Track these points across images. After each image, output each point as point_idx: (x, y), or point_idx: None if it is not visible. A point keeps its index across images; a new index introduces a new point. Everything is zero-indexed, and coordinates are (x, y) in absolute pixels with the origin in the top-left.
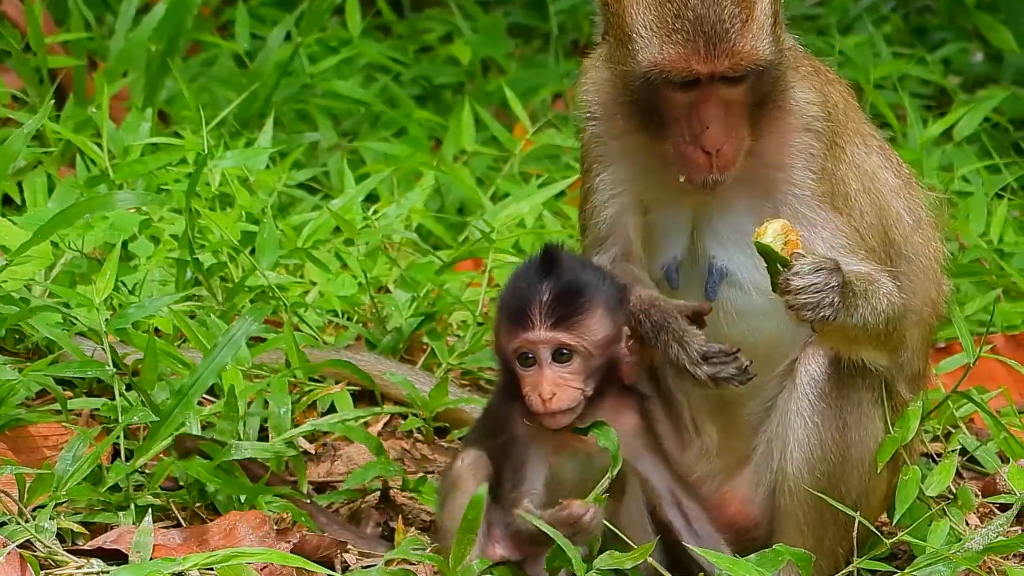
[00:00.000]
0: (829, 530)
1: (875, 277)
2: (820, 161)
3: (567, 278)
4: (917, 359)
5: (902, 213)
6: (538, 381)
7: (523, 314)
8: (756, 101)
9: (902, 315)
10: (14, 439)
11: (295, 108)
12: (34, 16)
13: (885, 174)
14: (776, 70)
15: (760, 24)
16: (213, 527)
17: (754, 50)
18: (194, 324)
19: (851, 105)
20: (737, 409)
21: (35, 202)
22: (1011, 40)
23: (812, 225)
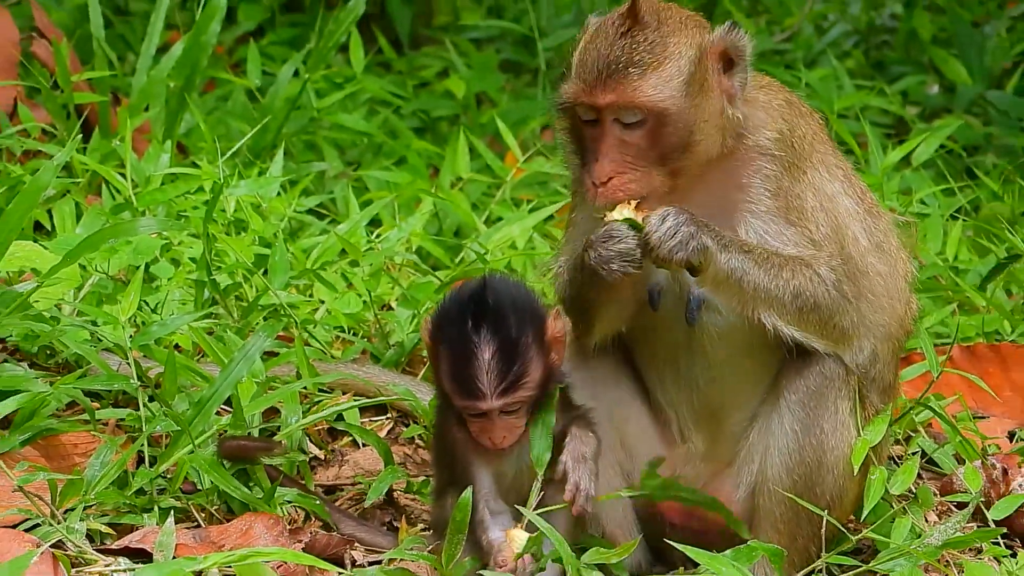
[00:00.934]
0: (803, 528)
1: (804, 259)
2: (776, 181)
3: (504, 336)
4: (888, 371)
5: (858, 235)
6: (488, 428)
7: (470, 386)
8: (664, 149)
9: (835, 309)
10: (46, 447)
11: (303, 139)
12: (62, 56)
13: (844, 199)
14: (681, 123)
15: (664, 78)
16: (230, 527)
17: (638, 97)
18: (212, 340)
19: (819, 137)
20: (723, 420)
21: (64, 228)
22: (964, 73)
23: (767, 234)
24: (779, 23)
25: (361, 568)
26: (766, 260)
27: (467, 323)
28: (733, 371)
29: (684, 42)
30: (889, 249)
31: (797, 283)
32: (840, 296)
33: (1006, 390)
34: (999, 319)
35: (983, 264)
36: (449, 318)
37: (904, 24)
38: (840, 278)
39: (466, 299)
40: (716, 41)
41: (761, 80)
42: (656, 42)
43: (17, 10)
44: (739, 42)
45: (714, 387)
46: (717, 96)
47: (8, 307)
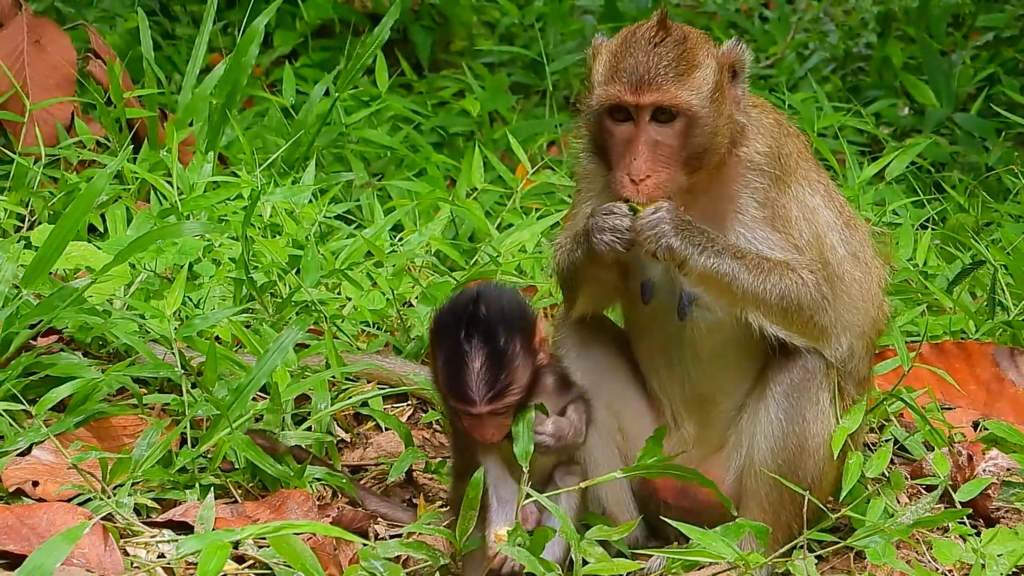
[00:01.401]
0: (787, 508)
1: (789, 263)
2: (764, 192)
3: (493, 345)
4: (863, 366)
5: (836, 244)
6: (478, 426)
7: (461, 392)
8: (691, 149)
9: (815, 308)
10: (98, 429)
11: (333, 152)
12: (115, 75)
13: (824, 212)
14: (707, 126)
15: (694, 84)
16: (265, 503)
17: (678, 98)
18: (249, 333)
19: (804, 155)
20: (713, 408)
21: (116, 231)
22: (932, 97)
23: (756, 240)
24: (764, 51)
25: (383, 540)
26: (757, 265)
27: (460, 332)
28: (722, 363)
29: (707, 53)
30: (864, 258)
31: (784, 286)
32: (820, 297)
33: (971, 384)
34: (964, 319)
35: (950, 269)
36: (445, 325)
37: (878, 52)
38: (820, 281)
39: (460, 309)
40: (727, 53)
41: (754, 100)
42: (686, 51)
43: (75, 33)
44: (743, 55)
45: (704, 377)
46: (730, 103)
47: (65, 301)
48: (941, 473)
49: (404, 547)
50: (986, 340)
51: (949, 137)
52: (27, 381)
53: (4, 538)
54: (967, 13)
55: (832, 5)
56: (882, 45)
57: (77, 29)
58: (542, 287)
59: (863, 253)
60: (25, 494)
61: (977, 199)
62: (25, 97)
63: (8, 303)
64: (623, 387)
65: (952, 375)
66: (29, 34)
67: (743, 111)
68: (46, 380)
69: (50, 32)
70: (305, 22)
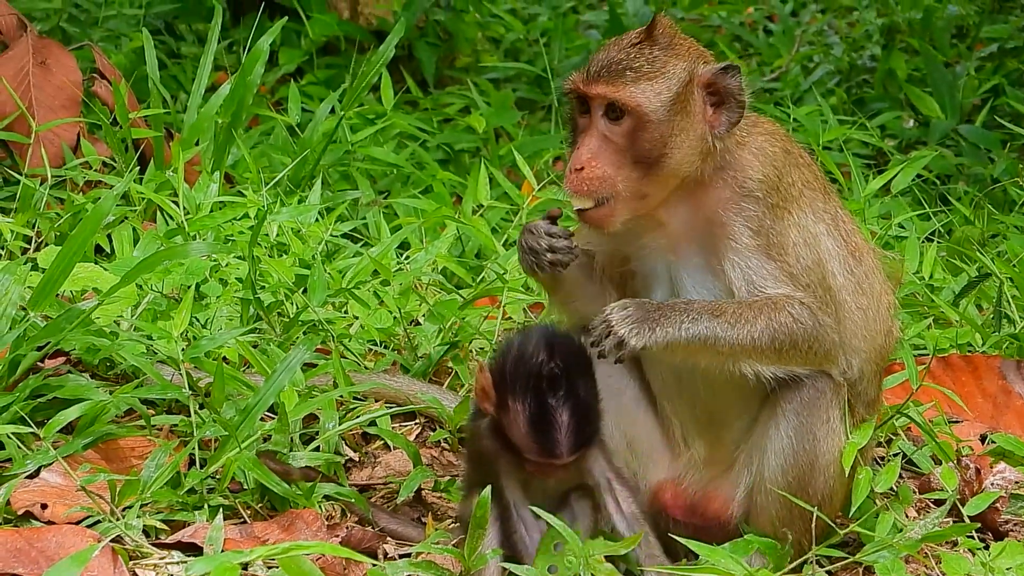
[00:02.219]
0: (796, 524)
1: (777, 299)
2: (758, 220)
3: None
4: (871, 387)
5: (837, 272)
6: (550, 471)
7: (551, 448)
8: (638, 153)
9: (813, 338)
10: (106, 450)
11: (339, 170)
12: (120, 95)
13: (827, 240)
14: (658, 133)
15: (650, 89)
16: (273, 523)
17: (626, 96)
18: (256, 353)
19: (811, 185)
20: (723, 428)
21: (122, 251)
22: (937, 109)
23: (749, 269)
24: (769, 64)
25: (392, 560)
26: (740, 316)
27: (542, 390)
28: (732, 384)
29: (681, 66)
30: (871, 287)
31: (774, 327)
32: (816, 324)
33: (978, 397)
34: (971, 332)
35: (956, 282)
36: (522, 383)
37: (882, 65)
38: (817, 308)
39: (533, 364)
40: (705, 74)
41: (766, 127)
42: (658, 58)
43: (80, 54)
44: (729, 83)
45: (714, 398)
46: (699, 122)
47: (72, 323)
48: (949, 487)
49: (413, 567)
50: (993, 353)
51: (954, 149)
52: (35, 403)
53: (13, 561)
54: (971, 25)
55: (836, 18)
56: (886, 57)
57: (82, 49)
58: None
59: (869, 282)
60: (34, 517)
61: (982, 211)
62: (31, 118)
63: (15, 325)
64: (633, 406)
65: (959, 388)
66: (35, 55)
67: (739, 143)
68: (54, 402)
69: (55, 53)
70: (310, 40)
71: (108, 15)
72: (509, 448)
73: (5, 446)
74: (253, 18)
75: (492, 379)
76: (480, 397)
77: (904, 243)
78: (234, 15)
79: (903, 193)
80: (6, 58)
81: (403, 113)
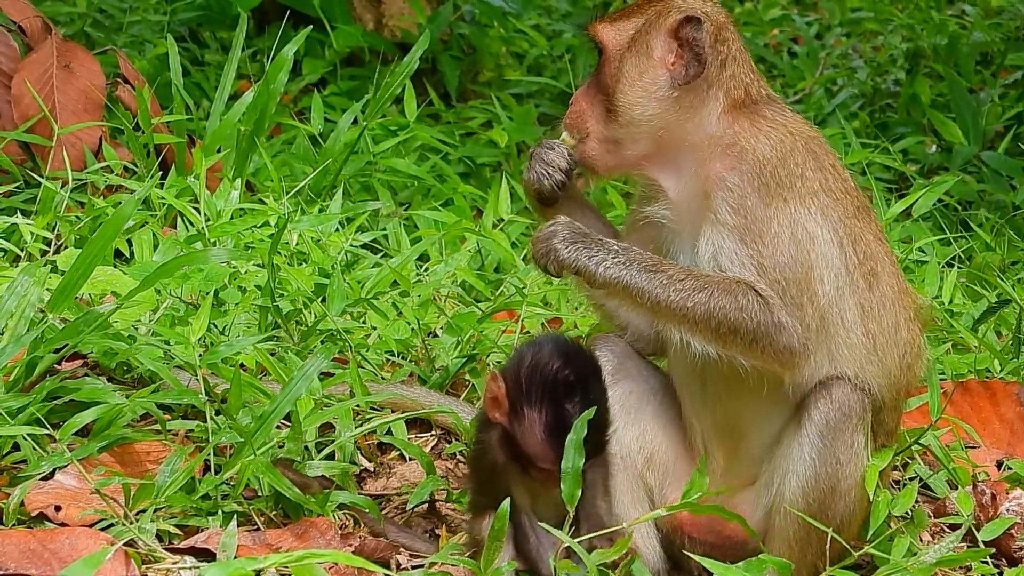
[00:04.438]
0: (813, 546)
1: (733, 283)
2: (739, 198)
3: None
4: (891, 418)
5: (827, 281)
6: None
7: None
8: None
9: (762, 332)
10: (121, 454)
11: (360, 181)
12: (143, 101)
13: (826, 248)
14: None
15: (618, 27)
16: (287, 531)
17: (599, 32)
18: (274, 360)
19: (831, 193)
20: (743, 439)
21: (142, 256)
22: (960, 134)
23: (721, 249)
24: (793, 86)
25: (406, 571)
26: (677, 280)
27: (559, 391)
28: (753, 393)
29: (654, 10)
30: (882, 316)
31: (713, 305)
32: (769, 322)
33: (995, 423)
34: (989, 358)
35: (976, 308)
36: (537, 391)
37: (906, 89)
38: (780, 307)
39: (548, 372)
40: (672, 22)
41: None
42: (642, 4)
43: (104, 58)
44: (689, 34)
45: (732, 403)
46: (656, 67)
47: (90, 326)
48: (964, 512)
49: None
50: (1011, 379)
51: (976, 175)
52: (51, 405)
53: (26, 562)
54: (996, 51)
55: (861, 41)
56: (910, 82)
57: (106, 54)
58: (567, 319)
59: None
60: (48, 519)
61: (1003, 237)
62: (53, 121)
63: (33, 327)
64: (653, 417)
65: (976, 414)
66: (59, 59)
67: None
68: (70, 405)
69: (80, 57)
70: (334, 51)
71: (133, 20)
72: (518, 459)
73: (20, 447)
74: (277, 27)
75: (505, 387)
76: (490, 406)
77: (924, 268)
78: (259, 24)
79: (924, 218)
80: (30, 61)
81: (425, 126)
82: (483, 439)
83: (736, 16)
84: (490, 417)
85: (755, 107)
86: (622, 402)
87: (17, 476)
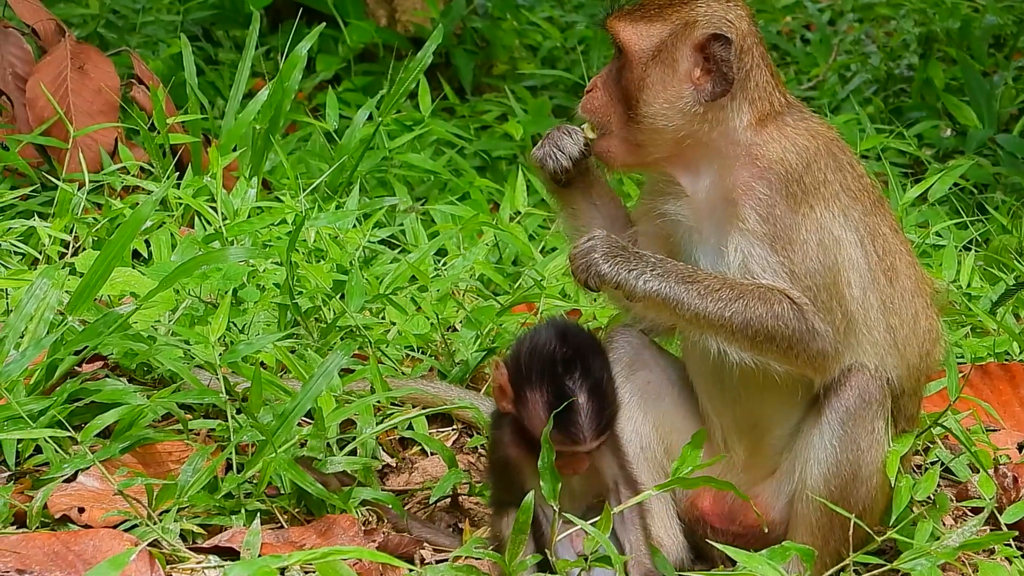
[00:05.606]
0: (836, 533)
1: (767, 290)
2: (768, 207)
3: (594, 384)
4: (911, 404)
5: (855, 284)
6: (575, 463)
7: (573, 432)
8: (621, 88)
9: (796, 339)
10: (144, 455)
11: (376, 177)
12: (158, 101)
13: (851, 249)
14: (635, 74)
15: (641, 30)
16: (310, 528)
17: (621, 32)
18: (294, 358)
19: (850, 192)
20: (764, 433)
21: (160, 256)
22: (974, 118)
23: (750, 256)
24: (806, 72)
25: (430, 565)
26: (714, 291)
27: (558, 373)
28: (771, 388)
29: (681, 19)
30: (904, 310)
31: (750, 315)
32: (804, 328)
33: (1015, 405)
34: (1008, 341)
35: (993, 291)
36: (537, 370)
37: (920, 74)
38: (813, 313)
39: (547, 350)
40: (700, 36)
41: (815, 126)
42: (670, 4)
43: (118, 59)
44: (716, 51)
45: (753, 400)
46: (681, 80)
47: (110, 327)
48: (987, 495)
49: (453, 571)
50: None
51: (991, 158)
52: (72, 407)
53: (51, 564)
54: (1009, 34)
55: (874, 27)
56: (924, 66)
57: (120, 55)
58: (586, 311)
59: (905, 304)
60: (71, 520)
61: (1020, 220)
62: (69, 123)
63: (53, 329)
64: (673, 411)
65: (997, 397)
66: (73, 60)
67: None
68: (91, 406)
69: (94, 58)
70: (348, 47)
71: (146, 21)
72: (533, 450)
73: (43, 450)
74: (291, 24)
75: (508, 374)
76: (498, 396)
77: (942, 252)
78: (272, 22)
79: (940, 202)
80: (45, 63)
81: (440, 120)
82: (497, 435)
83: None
84: (500, 408)
85: (778, 114)
86: (641, 392)
87: (40, 479)
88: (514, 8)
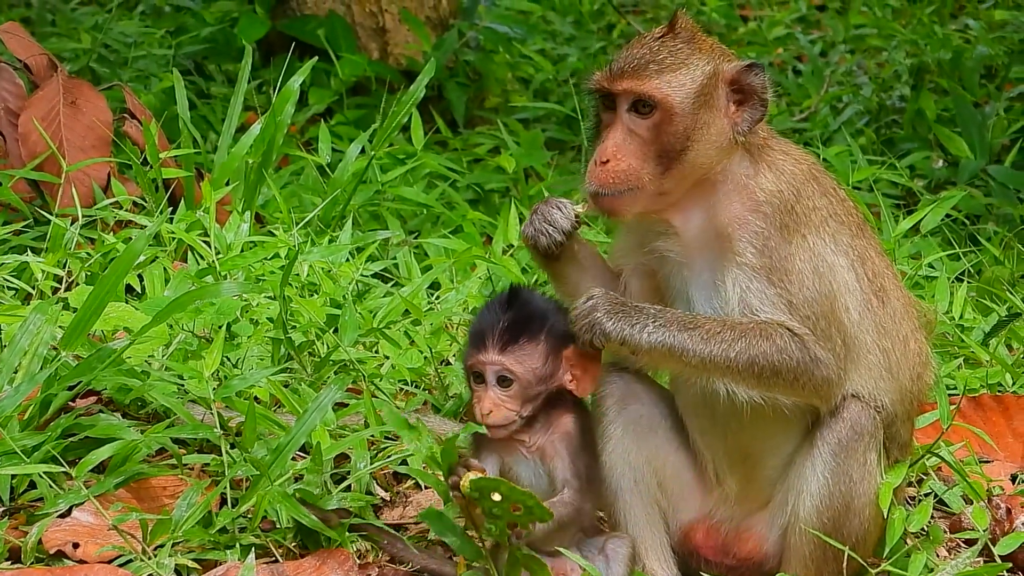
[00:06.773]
0: (829, 565)
1: (766, 326)
2: (763, 239)
3: (523, 312)
4: (903, 430)
5: (851, 308)
6: (481, 398)
7: (480, 337)
8: (663, 145)
9: (800, 370)
10: (138, 490)
11: (369, 210)
12: (151, 135)
13: (844, 273)
14: (682, 125)
15: (674, 80)
16: (305, 563)
17: (651, 88)
18: (288, 392)
19: (837, 217)
20: (756, 465)
21: (153, 291)
22: (966, 149)
23: (748, 290)
24: (798, 104)
25: None
26: (715, 334)
27: (496, 300)
28: (764, 419)
29: (704, 59)
30: (895, 331)
31: (754, 352)
32: (807, 358)
33: (1008, 437)
34: (1001, 372)
35: (986, 322)
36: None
37: (911, 105)
38: (813, 341)
39: (502, 293)
40: (730, 70)
41: (795, 153)
42: (681, 50)
43: (110, 94)
44: (753, 80)
45: (745, 433)
46: (720, 117)
47: (103, 362)
48: (980, 527)
49: None
50: (1023, 393)
51: (983, 189)
52: (66, 443)
53: None
54: (1000, 65)
55: (865, 58)
56: (915, 98)
57: (112, 89)
58: None
59: (895, 326)
60: (66, 556)
61: (1012, 251)
62: (61, 158)
63: (47, 364)
64: (665, 444)
65: (989, 428)
66: (65, 95)
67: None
68: (86, 441)
69: (86, 93)
70: (340, 80)
71: (138, 55)
72: None
73: (37, 485)
74: (283, 58)
75: None
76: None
77: (934, 283)
78: (264, 56)
79: (933, 233)
80: (37, 98)
81: (433, 153)
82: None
83: (740, 36)
84: None
85: (765, 144)
86: (634, 426)
87: (34, 514)
88: (506, 41)
